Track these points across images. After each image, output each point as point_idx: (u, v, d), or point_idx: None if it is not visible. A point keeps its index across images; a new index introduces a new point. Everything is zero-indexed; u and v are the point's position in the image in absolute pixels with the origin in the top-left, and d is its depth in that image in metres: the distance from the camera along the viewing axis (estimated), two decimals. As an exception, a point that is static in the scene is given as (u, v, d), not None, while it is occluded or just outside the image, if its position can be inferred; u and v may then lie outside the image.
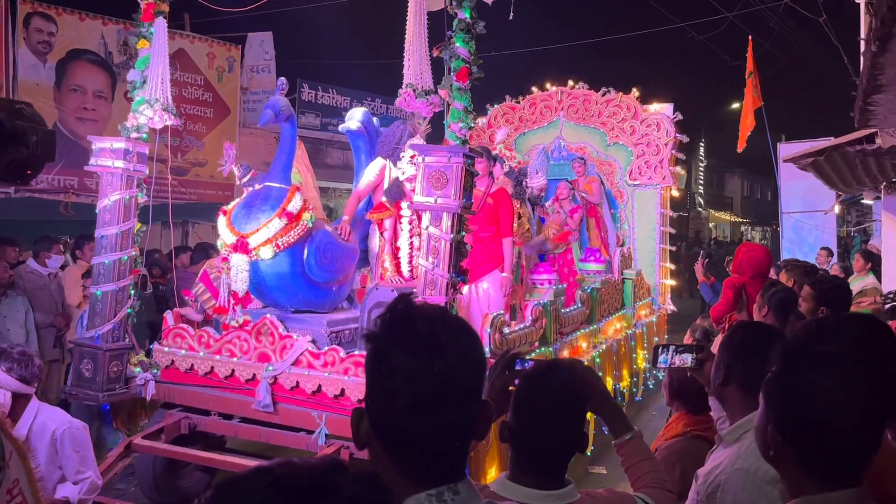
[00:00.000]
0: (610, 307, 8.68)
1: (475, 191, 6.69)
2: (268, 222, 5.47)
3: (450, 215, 4.87)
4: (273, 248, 5.46)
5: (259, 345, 5.68)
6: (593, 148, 10.82)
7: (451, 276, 4.91)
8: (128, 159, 5.96)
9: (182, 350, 5.96)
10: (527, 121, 11.19)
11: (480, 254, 6.52)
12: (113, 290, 5.97)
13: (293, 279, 5.64)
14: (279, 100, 5.71)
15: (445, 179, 4.85)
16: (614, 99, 10.79)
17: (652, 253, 10.46)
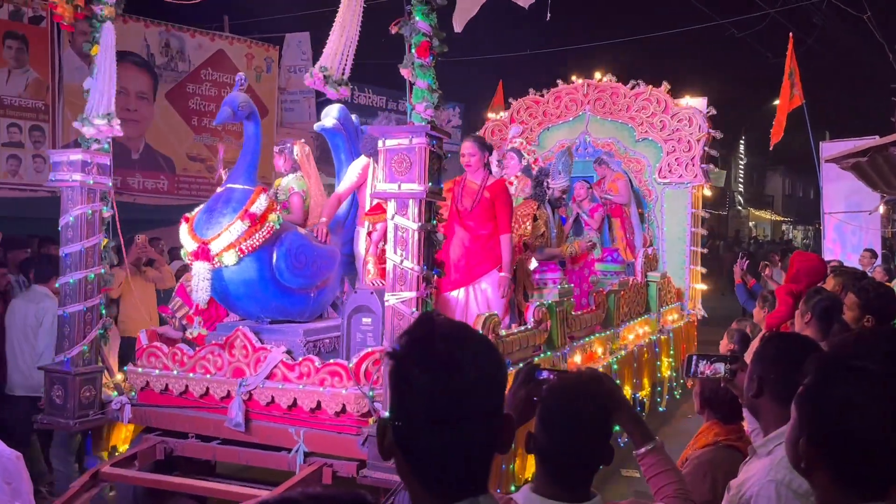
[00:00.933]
0: (631, 311, 8.05)
1: (468, 183, 6.22)
2: (229, 226, 5.05)
3: (416, 202, 4.37)
4: (236, 254, 5.03)
5: (233, 359, 5.25)
6: (621, 144, 10.22)
7: (423, 269, 4.40)
8: (87, 171, 5.59)
9: (156, 370, 5.56)
10: (551, 115, 10.64)
11: (478, 253, 6.00)
12: (80, 310, 5.60)
13: (262, 285, 5.19)
14: (237, 96, 5.30)
15: (408, 163, 4.36)
16: (643, 92, 10.19)
17: (682, 255, 9.79)
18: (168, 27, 13.05)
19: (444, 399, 1.29)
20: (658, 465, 2.23)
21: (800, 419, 1.55)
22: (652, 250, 9.21)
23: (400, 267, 4.41)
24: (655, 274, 8.95)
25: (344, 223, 5.97)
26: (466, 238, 6.00)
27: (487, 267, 6.00)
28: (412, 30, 4.54)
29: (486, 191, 6.07)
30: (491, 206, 6.03)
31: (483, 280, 6.01)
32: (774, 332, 3.88)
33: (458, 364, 1.31)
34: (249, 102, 5.36)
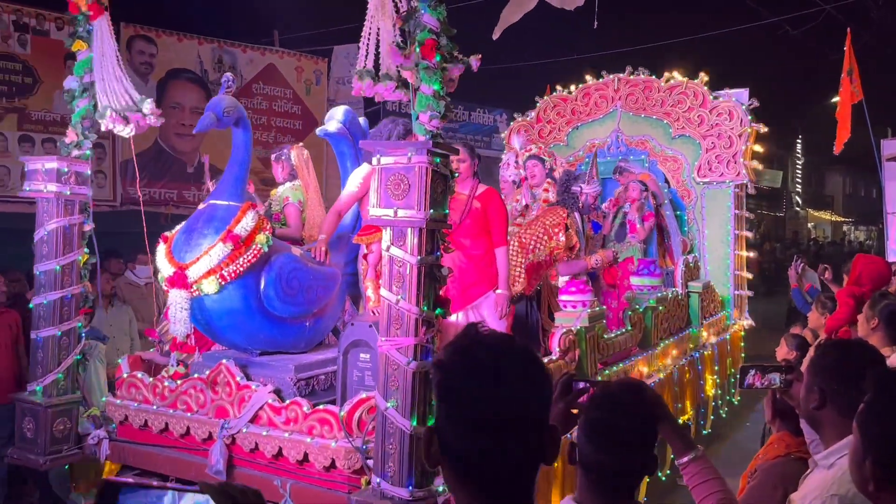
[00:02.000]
0: (671, 327, 7.31)
1: (457, 195, 5.52)
2: (209, 249, 4.39)
3: (415, 232, 3.67)
4: (218, 281, 4.38)
5: (216, 396, 4.62)
6: (656, 142, 9.42)
7: (423, 311, 3.71)
8: (63, 181, 5.00)
9: (135, 402, 4.96)
10: (580, 113, 9.86)
11: (472, 272, 5.30)
12: (55, 334, 5.02)
13: (248, 316, 4.54)
14: (223, 99, 4.62)
15: (407, 185, 3.66)
16: (679, 86, 9.37)
17: (725, 260, 8.98)
18: (221, 43, 13.21)
19: (488, 408, 1.30)
20: (702, 475, 2.20)
21: (864, 440, 1.51)
22: (693, 258, 8.42)
23: (396, 307, 3.72)
24: (697, 283, 8.17)
25: (348, 238, 5.29)
26: (457, 256, 5.32)
27: (484, 288, 5.30)
28: (417, 25, 3.83)
29: (475, 201, 5.36)
30: (483, 218, 5.32)
31: (481, 303, 5.32)
32: (833, 340, 3.78)
33: (502, 374, 1.31)
34: (237, 106, 4.68)
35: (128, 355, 5.27)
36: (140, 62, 12.04)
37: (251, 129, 4.83)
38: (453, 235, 5.41)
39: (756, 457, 3.18)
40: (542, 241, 5.77)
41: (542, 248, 5.74)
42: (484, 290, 5.34)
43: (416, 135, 3.86)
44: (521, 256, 5.71)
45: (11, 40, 10.83)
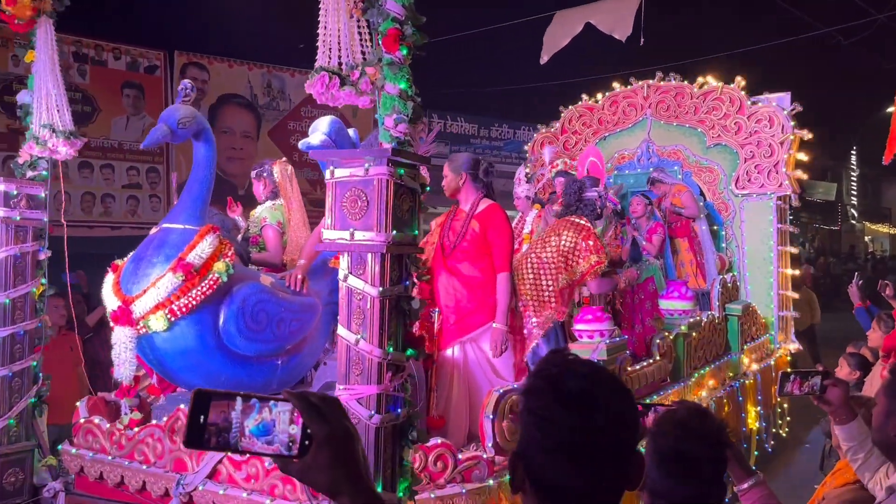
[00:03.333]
0: (706, 354, 6.53)
1: (458, 212, 4.87)
2: (157, 280, 3.78)
3: (376, 258, 3.02)
4: (167, 317, 3.76)
5: (174, 447, 4.01)
6: (689, 151, 8.64)
7: (387, 352, 3.05)
8: (12, 205, 4.45)
9: (91, 452, 4.37)
10: (607, 123, 9.12)
11: (470, 300, 4.64)
12: (5, 375, 4.46)
13: (205, 355, 3.91)
14: (178, 109, 4.02)
15: (365, 202, 3.01)
16: (713, 91, 8.59)
17: (768, 279, 8.14)
18: (270, 68, 13.50)
19: (583, 437, 1.29)
20: (762, 501, 2.22)
21: None
22: (731, 278, 7.60)
23: (355, 349, 3.06)
24: (736, 305, 7.36)
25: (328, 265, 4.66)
26: (453, 283, 4.66)
27: (484, 318, 4.64)
28: (379, 13, 3.19)
29: (473, 220, 4.70)
30: (482, 240, 4.66)
31: (481, 335, 4.65)
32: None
33: (595, 402, 1.31)
34: (195, 117, 4.08)
35: (88, 397, 4.68)
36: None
37: (214, 142, 4.22)
38: (448, 259, 4.77)
39: (823, 483, 3.08)
40: (575, 257, 5.09)
41: (579, 264, 5.06)
42: (483, 319, 4.68)
43: (382, 142, 3.21)
44: (549, 278, 5.03)
45: (72, 70, 11.13)
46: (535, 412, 1.32)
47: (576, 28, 10.15)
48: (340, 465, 1.19)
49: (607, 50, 11.17)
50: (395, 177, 2.99)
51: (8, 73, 10.54)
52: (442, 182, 4.91)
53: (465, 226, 4.75)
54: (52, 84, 4.55)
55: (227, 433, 1.16)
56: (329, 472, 1.19)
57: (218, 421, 1.16)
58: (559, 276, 5.06)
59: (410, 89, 3.18)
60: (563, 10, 10.62)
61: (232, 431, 1.16)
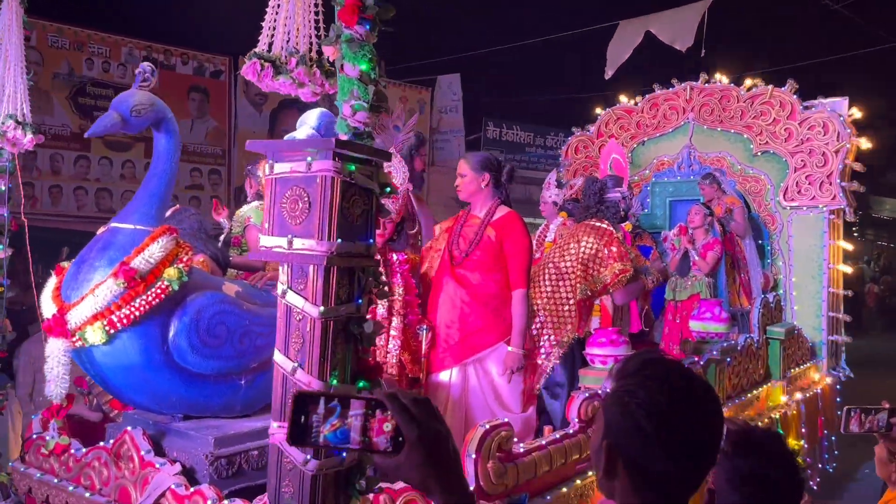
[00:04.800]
0: (742, 382, 5.86)
1: (470, 218, 4.33)
2: (97, 286, 3.31)
3: (319, 270, 2.49)
4: (104, 329, 3.27)
5: (119, 473, 3.54)
6: (734, 159, 7.96)
7: (329, 385, 2.52)
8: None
9: (39, 472, 3.93)
10: (646, 127, 8.48)
11: (477, 316, 4.11)
12: (-48, 384, 4.07)
13: (152, 372, 3.41)
14: (133, 94, 3.52)
15: (306, 203, 2.48)
16: (762, 94, 7.89)
17: (817, 299, 7.40)
18: None
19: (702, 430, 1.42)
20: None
21: None
22: (774, 297, 6.89)
23: (292, 378, 2.54)
24: (778, 328, 6.66)
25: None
26: (460, 295, 4.12)
27: (492, 337, 4.09)
28: (338, -17, 2.67)
29: (489, 228, 4.15)
30: (497, 251, 4.12)
31: (487, 356, 4.09)
32: None
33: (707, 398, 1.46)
34: (154, 105, 3.59)
35: (45, 409, 4.25)
36: (255, 93, 12.70)
37: (178, 133, 3.74)
38: (456, 269, 4.24)
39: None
40: (596, 266, 4.55)
41: (600, 272, 4.51)
42: (492, 339, 4.13)
43: (340, 133, 2.68)
44: (569, 289, 4.48)
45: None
46: (642, 405, 1.40)
47: (636, 38, 9.99)
48: (431, 465, 1.22)
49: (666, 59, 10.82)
50: (343, 174, 2.45)
51: (82, 76, 10.83)
52: (455, 182, 4.38)
53: (480, 233, 4.21)
54: (19, 73, 4.14)
55: (324, 432, 1.20)
56: (420, 471, 1.22)
57: (316, 420, 1.19)
58: (577, 286, 4.51)
59: (373, 71, 2.65)
60: (624, 20, 10.45)
61: (330, 431, 1.19)
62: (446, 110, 16.06)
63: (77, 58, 10.79)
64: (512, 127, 17.77)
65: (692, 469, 1.43)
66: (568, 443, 3.87)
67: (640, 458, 1.41)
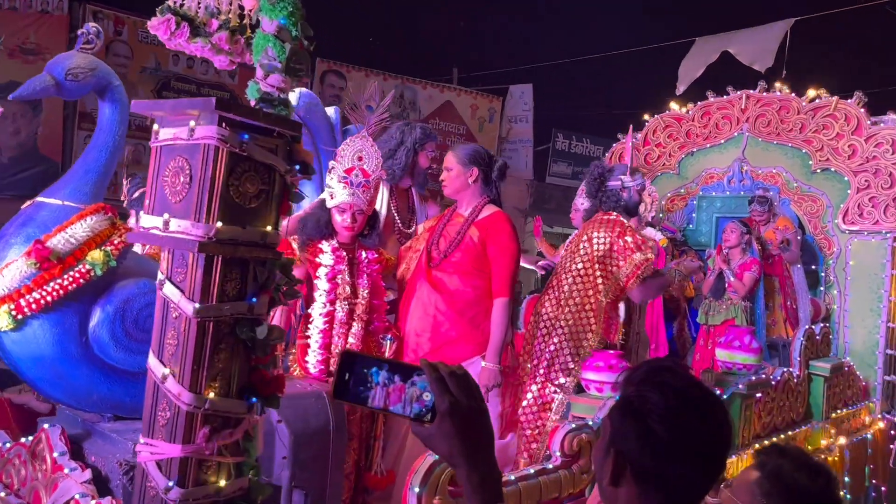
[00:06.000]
0: (775, 421, 5.20)
1: (454, 217, 3.86)
2: (6, 266, 2.94)
3: (199, 260, 2.05)
4: (11, 313, 2.89)
5: (34, 474, 3.17)
6: (790, 175, 7.25)
7: (202, 399, 2.06)
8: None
9: (-35, 467, 3.60)
10: (696, 136, 7.81)
11: (454, 324, 3.65)
12: None
13: (65, 366, 3.01)
14: (69, 57, 3.11)
15: (187, 177, 2.05)
16: (825, 106, 7.17)
17: (874, 334, 6.63)
18: (404, 80, 13.78)
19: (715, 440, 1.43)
20: None
21: None
22: (821, 329, 6.18)
23: (163, 387, 2.09)
24: (824, 363, 5.95)
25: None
26: (434, 301, 3.64)
27: (466, 350, 3.61)
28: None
29: (473, 228, 3.66)
30: (480, 252, 3.64)
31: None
32: None
33: (719, 409, 1.46)
34: (99, 70, 3.20)
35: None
36: (330, 94, 12.71)
37: (126, 104, 3.34)
38: (432, 272, 3.76)
39: None
40: (614, 261, 4.05)
41: (620, 267, 4.02)
42: (466, 352, 3.64)
43: (250, 98, 2.23)
44: (588, 294, 3.98)
45: (223, 72, 11.13)
46: (654, 410, 1.39)
47: (712, 56, 9.71)
48: (459, 438, 1.23)
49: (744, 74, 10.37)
50: (231, 144, 2.00)
51: (168, 71, 10.97)
52: (441, 176, 3.91)
53: (462, 233, 3.73)
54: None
55: (367, 392, 1.23)
56: (448, 442, 1.23)
57: (361, 380, 1.22)
58: (600, 288, 4.00)
59: (294, 27, 2.21)
60: (702, 37, 10.19)
61: (371, 391, 1.22)
62: (516, 120, 15.85)
63: (164, 53, 10.84)
64: (582, 139, 17.41)
65: (701, 476, 1.43)
66: (545, 479, 3.33)
67: (650, 464, 1.40)
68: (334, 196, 3.42)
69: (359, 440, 3.40)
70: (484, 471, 1.25)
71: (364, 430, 3.46)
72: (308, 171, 2.25)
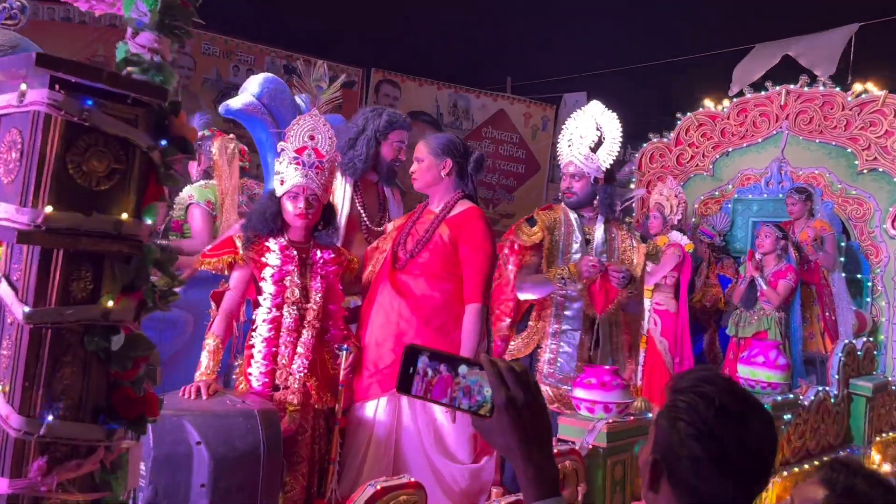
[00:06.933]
0: (809, 444, 4.65)
1: (425, 213, 3.45)
2: None
3: (34, 253, 1.66)
4: None
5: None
6: (834, 176, 6.66)
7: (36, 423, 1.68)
8: None
9: None
10: (731, 135, 7.26)
11: (419, 332, 3.22)
12: None
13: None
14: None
15: (18, 151, 1.67)
16: (873, 102, 6.58)
17: (923, 351, 6.03)
18: (457, 89, 13.75)
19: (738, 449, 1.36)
20: None
21: None
22: (864, 344, 5.58)
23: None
24: (866, 382, 5.35)
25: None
26: (397, 306, 3.23)
27: None
28: None
29: (443, 225, 3.24)
30: (450, 253, 3.22)
31: None
32: None
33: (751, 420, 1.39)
34: (19, 48, 2.87)
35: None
36: (385, 104, 12.65)
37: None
38: (398, 273, 3.35)
39: None
40: None
41: None
42: None
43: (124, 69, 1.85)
44: None
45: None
46: (693, 425, 1.36)
47: (771, 61, 9.42)
48: (515, 433, 1.24)
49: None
50: (68, 111, 1.62)
51: (227, 82, 11.14)
52: (412, 169, 3.49)
53: (431, 230, 3.31)
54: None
55: (430, 385, 1.24)
56: (504, 437, 1.24)
57: (424, 374, 1.24)
58: None
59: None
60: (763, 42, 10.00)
61: (434, 385, 1.24)
62: (570, 128, 15.83)
63: (225, 65, 11.28)
64: (637, 147, 17.13)
65: (739, 495, 1.39)
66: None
67: (685, 476, 1.38)
68: (285, 181, 3.04)
69: (309, 464, 3.00)
70: (540, 464, 1.25)
71: (316, 453, 3.05)
72: (188, 149, 1.86)
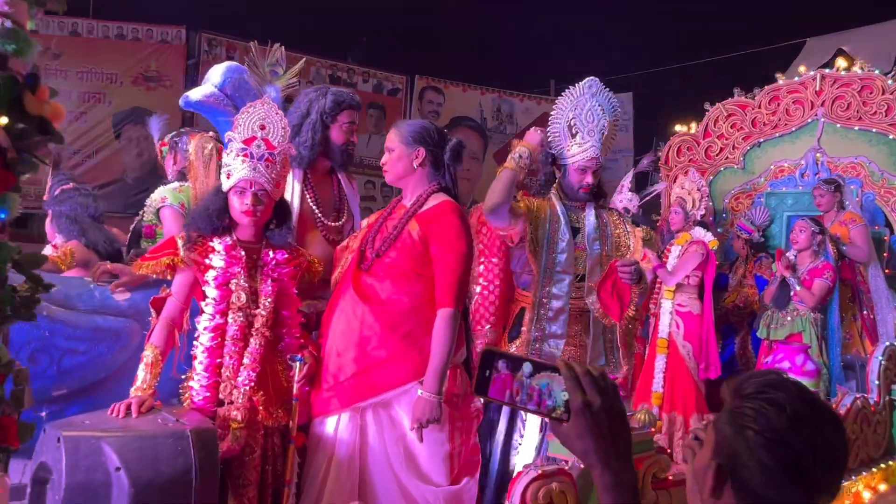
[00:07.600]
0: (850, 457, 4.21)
1: (398, 209, 3.12)
2: None
3: None
4: None
5: None
6: (875, 166, 6.15)
7: None
8: None
9: None
10: (762, 125, 6.77)
11: (383, 341, 2.87)
12: None
13: None
14: None
15: None
16: (917, 85, 6.09)
17: (974, 353, 5.50)
18: (501, 93, 13.82)
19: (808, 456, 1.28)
20: None
21: None
22: (908, 346, 5.09)
23: None
24: (909, 388, 4.88)
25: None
26: (361, 312, 2.90)
27: (400, 373, 2.84)
28: None
29: (413, 221, 2.90)
30: (419, 253, 2.89)
31: (395, 399, 2.85)
32: None
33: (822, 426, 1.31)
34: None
35: None
36: (429, 110, 12.99)
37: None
38: (362, 275, 3.02)
39: None
40: None
41: None
42: (400, 376, 2.87)
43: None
44: None
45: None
46: (763, 433, 1.30)
47: (824, 57, 8.94)
48: (592, 438, 1.22)
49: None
50: None
51: None
52: (382, 160, 3.17)
53: (400, 227, 2.98)
54: None
55: (507, 388, 1.24)
56: (582, 441, 1.23)
57: (501, 377, 1.24)
58: None
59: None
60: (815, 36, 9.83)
61: (511, 388, 1.24)
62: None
63: None
64: None
65: (811, 502, 1.31)
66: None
67: (752, 484, 1.30)
68: (231, 174, 2.74)
69: (257, 487, 2.68)
70: (618, 471, 1.23)
71: (269, 475, 2.74)
72: (47, 130, 1.57)
